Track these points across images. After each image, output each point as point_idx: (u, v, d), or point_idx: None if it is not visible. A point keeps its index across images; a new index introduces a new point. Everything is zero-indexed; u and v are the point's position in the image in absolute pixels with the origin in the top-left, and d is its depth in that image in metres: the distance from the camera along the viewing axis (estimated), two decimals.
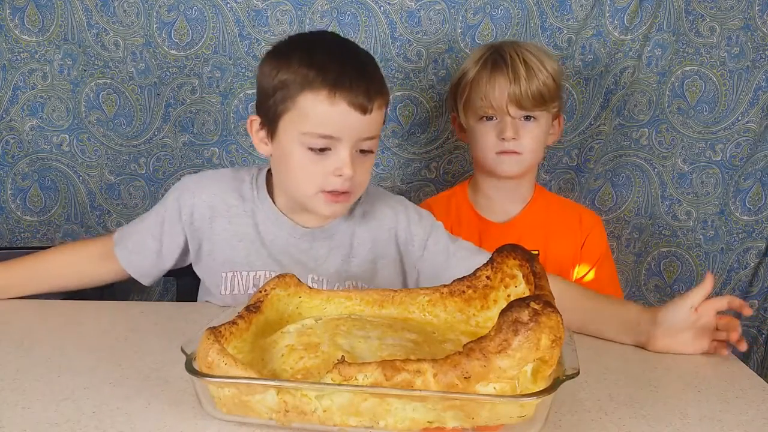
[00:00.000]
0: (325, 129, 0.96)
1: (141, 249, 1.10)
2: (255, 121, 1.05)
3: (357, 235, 1.10)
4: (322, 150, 0.98)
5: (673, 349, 0.89)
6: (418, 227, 1.11)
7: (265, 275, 1.06)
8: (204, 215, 1.08)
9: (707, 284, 0.91)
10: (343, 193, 1.00)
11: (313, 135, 0.97)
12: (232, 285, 1.08)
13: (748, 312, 0.96)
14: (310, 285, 1.04)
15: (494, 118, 1.22)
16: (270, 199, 1.09)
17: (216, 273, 1.09)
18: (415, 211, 1.13)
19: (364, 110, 0.97)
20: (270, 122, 1.02)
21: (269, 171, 1.11)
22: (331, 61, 0.98)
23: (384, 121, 1.06)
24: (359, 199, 1.11)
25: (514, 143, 1.20)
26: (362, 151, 1.01)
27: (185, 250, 1.11)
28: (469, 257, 1.07)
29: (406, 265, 1.12)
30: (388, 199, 1.15)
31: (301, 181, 1.00)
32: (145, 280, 1.12)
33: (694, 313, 0.89)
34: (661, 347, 0.89)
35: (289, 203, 1.08)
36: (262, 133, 1.04)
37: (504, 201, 1.29)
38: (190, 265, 1.15)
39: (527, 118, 1.22)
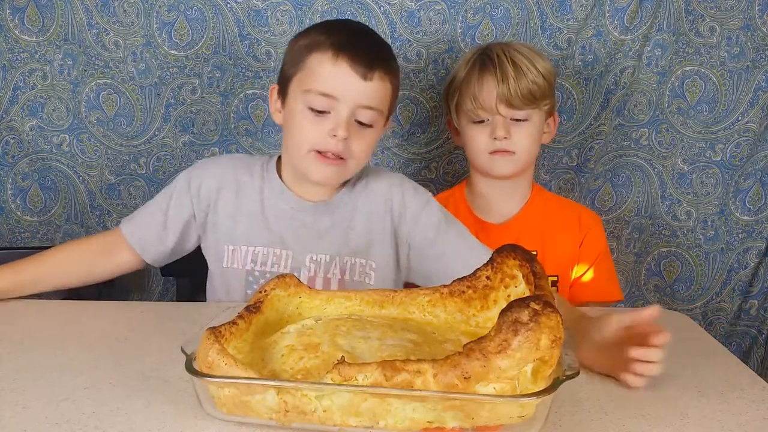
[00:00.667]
0: (325, 87, 1.02)
1: (147, 222, 1.13)
2: (274, 89, 1.12)
3: (357, 209, 1.13)
4: (321, 112, 1.03)
5: (589, 364, 0.80)
6: (413, 200, 1.14)
7: (263, 252, 1.11)
8: (212, 187, 1.13)
9: (648, 311, 0.79)
10: (336, 158, 1.04)
11: (314, 92, 1.02)
12: (232, 259, 1.12)
13: (659, 340, 0.77)
14: (308, 264, 1.10)
15: (486, 120, 1.22)
16: (277, 176, 1.14)
17: (220, 246, 1.12)
18: (412, 186, 1.16)
19: (365, 75, 1.02)
20: (283, 87, 1.08)
21: (279, 157, 1.16)
22: (342, 30, 1.07)
23: (391, 107, 1.10)
24: (361, 175, 1.15)
25: (506, 142, 1.20)
26: (361, 124, 1.04)
27: (189, 223, 1.14)
28: (459, 239, 1.11)
29: (399, 238, 1.14)
30: (387, 175, 1.18)
31: (298, 139, 1.05)
32: (148, 256, 1.13)
33: (620, 332, 0.79)
34: (582, 359, 0.77)
35: (294, 177, 1.12)
36: (278, 103, 1.11)
37: (501, 202, 1.29)
38: (191, 263, 1.15)
39: (518, 120, 1.21)
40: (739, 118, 1.49)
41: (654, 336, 0.75)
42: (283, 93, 1.09)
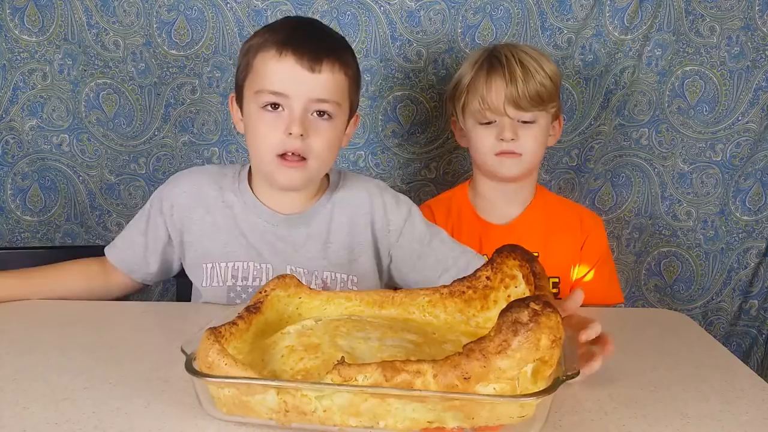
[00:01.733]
0: (274, 85, 1.00)
1: (128, 246, 1.14)
2: (233, 97, 1.11)
3: (334, 220, 1.11)
4: (274, 107, 1.01)
5: None
6: (395, 213, 1.12)
7: (243, 266, 1.09)
8: (183, 205, 1.11)
9: (569, 303, 0.78)
10: (298, 159, 1.01)
11: (264, 92, 1.01)
12: (211, 277, 1.10)
13: (584, 336, 0.74)
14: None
15: (493, 122, 1.22)
16: (249, 189, 1.11)
17: (198, 265, 1.10)
18: (392, 196, 1.14)
19: (312, 68, 0.99)
20: (238, 93, 1.07)
21: (250, 167, 1.14)
22: (284, 26, 1.06)
23: (352, 95, 1.07)
24: (338, 184, 1.13)
25: (513, 144, 1.20)
26: (320, 117, 1.02)
27: (169, 242, 1.13)
28: (442, 247, 1.10)
29: (381, 250, 1.13)
30: (365, 183, 1.15)
31: (260, 145, 1.03)
32: (138, 276, 1.14)
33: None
34: None
35: (264, 187, 1.10)
36: (238, 111, 1.09)
37: (504, 203, 1.29)
38: None
39: (525, 122, 1.21)
40: (739, 118, 1.49)
41: (582, 332, 0.73)
42: (239, 100, 1.08)
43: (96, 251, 1.52)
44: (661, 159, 1.53)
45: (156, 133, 1.47)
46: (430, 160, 1.53)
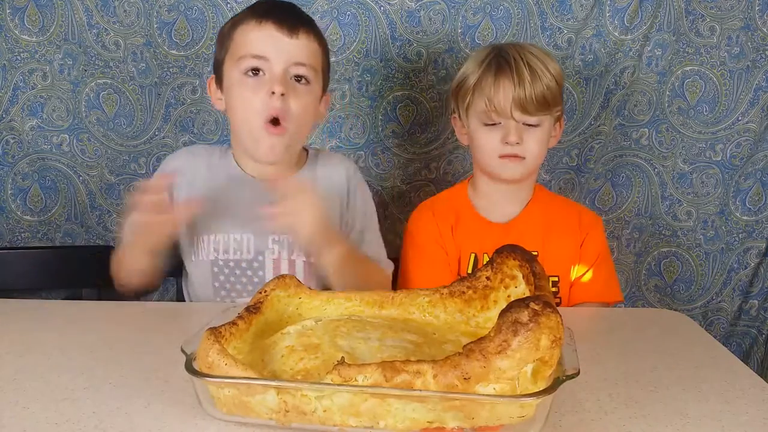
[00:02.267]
0: (255, 49, 1.07)
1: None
2: (212, 80, 1.17)
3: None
4: (255, 72, 1.07)
5: None
6: (361, 192, 1.23)
7: (224, 239, 1.14)
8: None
9: None
10: (279, 127, 1.07)
11: (247, 57, 1.07)
12: (197, 251, 1.15)
13: None
14: (271, 246, 1.12)
15: (498, 124, 1.21)
16: (234, 162, 1.18)
17: (186, 243, 1.15)
18: (362, 180, 1.25)
19: (290, 34, 1.07)
20: (218, 74, 1.14)
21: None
22: (261, 4, 1.13)
23: (325, 67, 1.16)
24: (317, 159, 1.22)
25: (517, 147, 1.20)
26: (297, 81, 1.09)
27: None
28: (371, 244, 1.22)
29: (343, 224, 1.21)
30: (343, 162, 1.24)
31: (245, 110, 1.08)
32: None
33: None
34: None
35: (248, 160, 1.16)
36: (218, 92, 1.15)
37: (504, 203, 1.28)
38: None
39: (530, 125, 1.20)
40: (740, 118, 1.49)
41: None
42: (218, 80, 1.14)
43: (95, 251, 1.52)
44: (661, 159, 1.53)
45: (156, 133, 1.48)
46: (430, 160, 1.53)
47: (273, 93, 1.05)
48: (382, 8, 1.43)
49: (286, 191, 1.02)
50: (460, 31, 1.45)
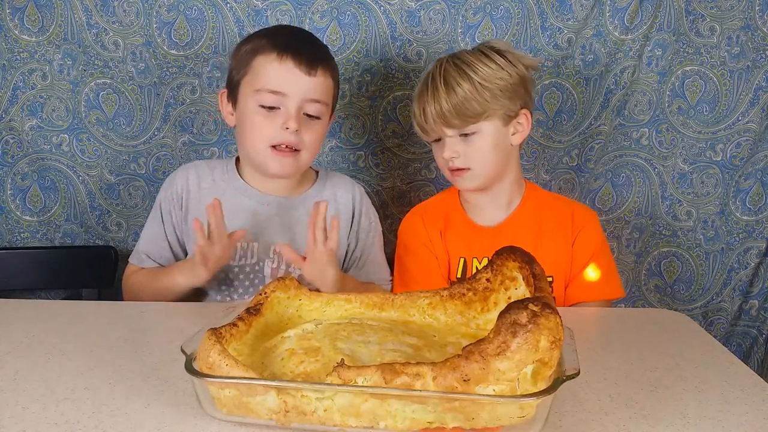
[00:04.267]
0: (274, 85, 1.11)
1: (154, 243, 1.23)
2: (224, 94, 1.21)
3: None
4: (271, 108, 1.12)
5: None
6: (365, 220, 1.28)
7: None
8: (183, 199, 1.22)
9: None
10: (291, 150, 1.13)
11: (264, 90, 1.11)
12: None
13: None
14: (272, 256, 1.17)
15: (440, 139, 1.20)
16: (239, 175, 1.23)
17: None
18: (369, 205, 1.29)
19: (308, 72, 1.12)
20: (232, 91, 1.17)
21: (237, 159, 1.26)
22: (282, 32, 1.19)
23: (335, 98, 1.21)
24: (326, 179, 1.27)
25: (458, 161, 1.18)
26: (310, 117, 1.14)
27: (177, 237, 1.23)
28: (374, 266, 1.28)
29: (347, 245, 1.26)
30: (351, 185, 1.29)
31: (255, 138, 1.14)
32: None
33: None
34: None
35: (255, 174, 1.22)
36: (229, 106, 1.19)
37: (489, 207, 1.26)
38: None
39: (467, 134, 1.18)
40: (740, 118, 1.49)
41: None
42: (233, 96, 1.18)
43: (95, 251, 1.53)
44: (661, 159, 1.53)
45: (156, 133, 1.48)
46: (430, 160, 1.53)
47: (287, 128, 1.11)
48: (382, 8, 1.43)
49: (313, 259, 1.06)
50: (460, 31, 1.45)
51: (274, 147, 1.13)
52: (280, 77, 1.11)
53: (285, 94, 1.11)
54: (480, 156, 1.18)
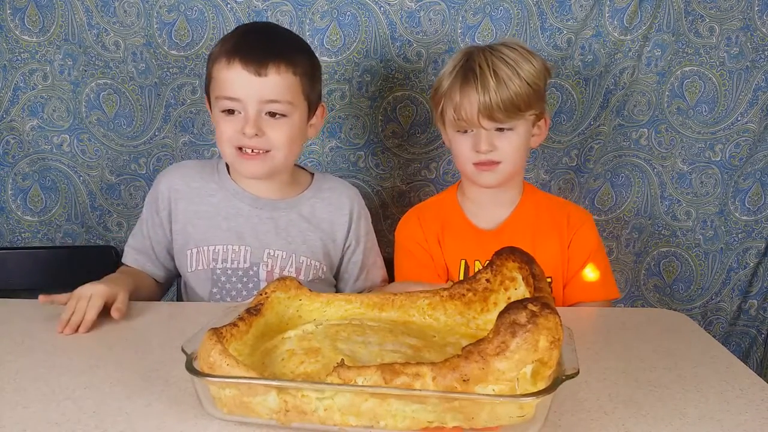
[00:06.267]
0: (227, 91, 1.09)
1: (139, 243, 1.23)
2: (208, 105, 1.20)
3: (318, 212, 1.21)
4: (230, 112, 1.10)
5: None
6: (362, 223, 1.25)
7: (223, 249, 1.17)
8: (170, 198, 1.20)
9: None
10: (256, 153, 1.11)
11: (221, 98, 1.10)
12: (196, 261, 1.18)
13: None
14: (265, 260, 1.16)
15: (470, 131, 1.20)
16: (230, 178, 1.21)
17: (183, 253, 1.19)
18: (363, 207, 1.27)
19: (258, 72, 1.08)
20: (208, 97, 1.16)
21: None
22: (234, 35, 1.14)
23: (307, 91, 1.14)
24: (324, 182, 1.25)
25: (491, 154, 1.18)
26: (273, 116, 1.10)
27: (166, 238, 1.21)
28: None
29: (344, 249, 1.25)
30: (346, 188, 1.27)
31: (223, 142, 1.12)
32: (150, 269, 1.22)
33: None
34: None
35: (244, 179, 1.19)
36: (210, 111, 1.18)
37: (491, 206, 1.27)
38: None
39: (503, 129, 1.18)
40: (739, 119, 1.49)
41: None
42: (210, 106, 1.17)
43: (96, 251, 1.53)
44: (660, 159, 1.53)
45: (156, 133, 1.48)
46: (430, 160, 1.53)
47: (245, 133, 1.08)
48: (382, 8, 1.43)
49: None
50: (460, 31, 1.45)
51: (240, 149, 1.11)
52: (233, 83, 1.08)
53: (239, 99, 1.08)
54: (511, 152, 1.19)
